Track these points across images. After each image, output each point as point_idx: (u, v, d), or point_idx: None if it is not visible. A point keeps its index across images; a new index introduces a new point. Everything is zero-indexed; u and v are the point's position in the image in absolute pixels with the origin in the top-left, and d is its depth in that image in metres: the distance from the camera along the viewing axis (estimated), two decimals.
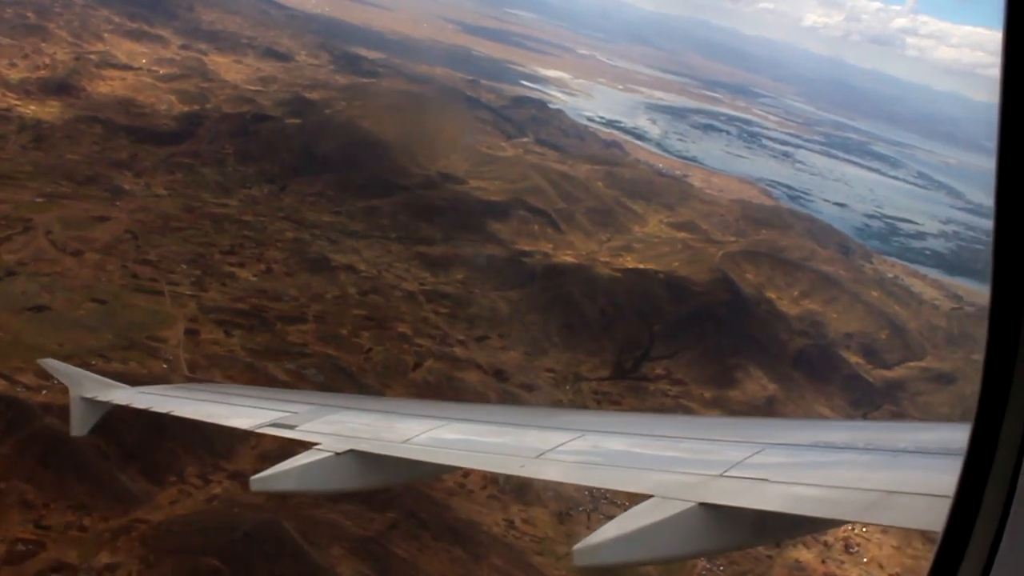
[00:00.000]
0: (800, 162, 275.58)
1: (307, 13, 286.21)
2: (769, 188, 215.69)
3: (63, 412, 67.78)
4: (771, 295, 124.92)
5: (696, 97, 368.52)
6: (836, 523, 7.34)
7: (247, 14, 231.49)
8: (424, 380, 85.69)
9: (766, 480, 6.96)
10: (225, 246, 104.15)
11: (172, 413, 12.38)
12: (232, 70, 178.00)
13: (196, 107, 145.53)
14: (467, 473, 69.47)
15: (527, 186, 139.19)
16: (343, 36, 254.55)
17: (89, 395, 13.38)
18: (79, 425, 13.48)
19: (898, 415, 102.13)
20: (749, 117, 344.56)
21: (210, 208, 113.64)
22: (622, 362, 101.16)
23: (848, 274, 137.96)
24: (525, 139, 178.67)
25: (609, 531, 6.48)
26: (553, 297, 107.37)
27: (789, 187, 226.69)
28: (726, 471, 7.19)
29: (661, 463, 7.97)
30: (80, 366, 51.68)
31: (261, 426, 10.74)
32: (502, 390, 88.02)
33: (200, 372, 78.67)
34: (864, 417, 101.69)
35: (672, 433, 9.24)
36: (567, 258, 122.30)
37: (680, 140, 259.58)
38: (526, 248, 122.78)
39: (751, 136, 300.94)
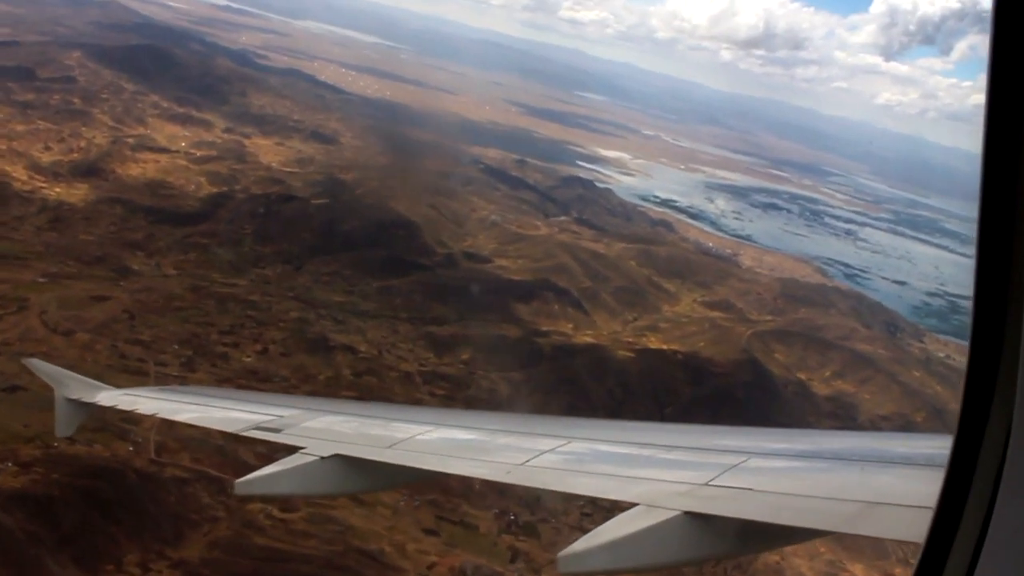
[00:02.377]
0: (863, 240, 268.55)
1: (365, 97, 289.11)
2: (824, 266, 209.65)
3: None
4: (801, 376, 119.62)
5: (761, 176, 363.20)
6: (819, 533, 6.90)
7: (300, 99, 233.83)
8: None
9: (751, 489, 7.03)
10: (224, 326, 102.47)
11: (157, 415, 12.41)
12: (271, 152, 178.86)
13: (224, 188, 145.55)
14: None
15: (552, 265, 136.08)
16: (397, 119, 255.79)
17: (74, 396, 13.35)
18: (64, 426, 13.52)
19: None
20: (815, 195, 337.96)
21: (217, 288, 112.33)
22: None
23: (889, 354, 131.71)
24: (563, 218, 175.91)
25: (594, 539, 6.47)
26: (559, 379, 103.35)
27: (846, 265, 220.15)
28: (712, 480, 7.26)
29: (647, 471, 7.98)
30: (44, 449, 50.00)
31: (246, 429, 10.63)
32: None
33: (168, 455, 76.40)
34: None
35: (659, 441, 9.12)
36: (586, 339, 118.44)
37: (736, 219, 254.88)
38: (543, 328, 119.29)
39: (813, 214, 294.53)
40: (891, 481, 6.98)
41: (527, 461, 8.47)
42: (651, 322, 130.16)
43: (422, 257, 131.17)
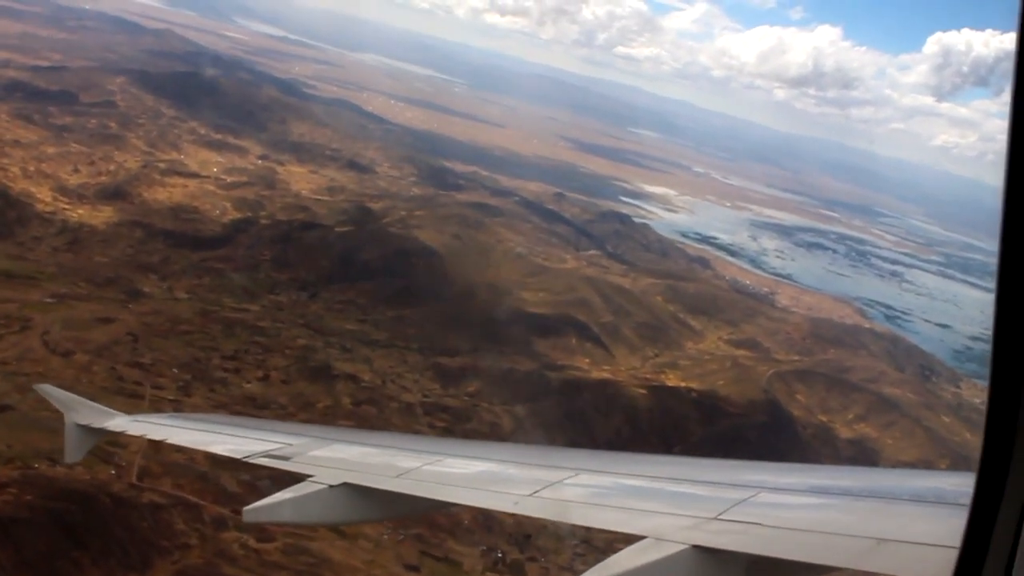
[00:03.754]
0: (909, 282, 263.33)
1: (409, 128, 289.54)
2: (865, 307, 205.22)
3: None
4: (822, 418, 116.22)
5: (810, 216, 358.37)
6: (828, 569, 6.59)
7: (341, 128, 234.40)
8: None
9: (760, 524, 6.98)
10: (228, 351, 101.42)
11: (167, 441, 12.35)
12: (303, 180, 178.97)
13: (248, 214, 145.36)
14: None
15: (573, 298, 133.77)
16: (439, 150, 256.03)
17: (84, 422, 13.19)
18: (73, 452, 13.39)
19: None
20: (863, 236, 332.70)
21: (226, 313, 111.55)
22: None
23: (918, 398, 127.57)
24: (592, 252, 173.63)
25: (602, 571, 6.36)
26: (565, 414, 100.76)
27: (888, 307, 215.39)
28: (720, 514, 7.22)
29: (656, 504, 7.90)
30: (23, 470, 48.86)
31: (255, 456, 10.59)
32: (481, 511, 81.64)
33: (150, 480, 74.95)
34: None
35: (668, 474, 9.15)
36: (600, 374, 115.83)
37: (778, 257, 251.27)
38: (558, 362, 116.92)
39: (860, 255, 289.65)
40: (902, 518, 6.96)
41: (535, 492, 8.47)
42: (671, 359, 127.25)
43: (441, 287, 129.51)
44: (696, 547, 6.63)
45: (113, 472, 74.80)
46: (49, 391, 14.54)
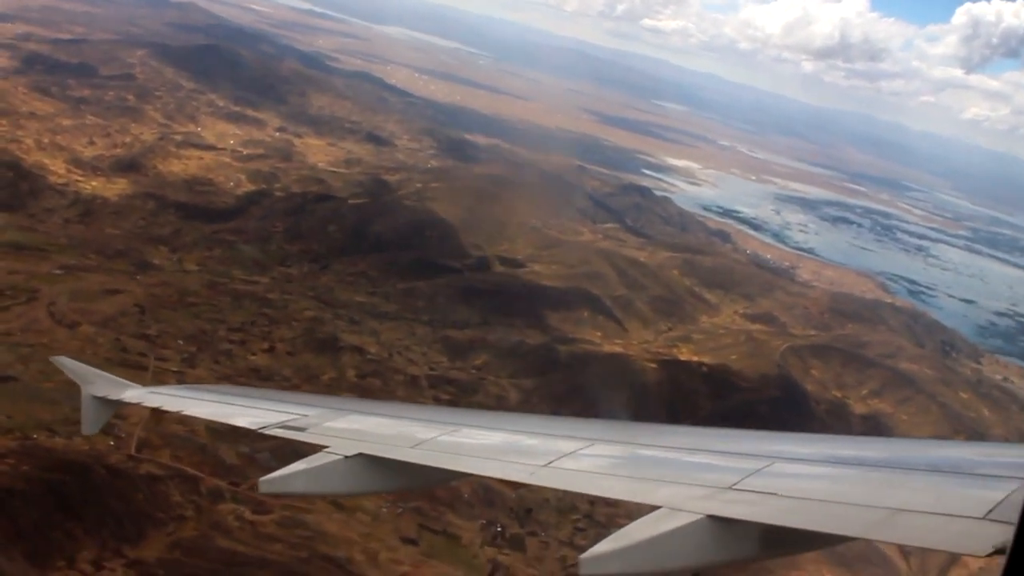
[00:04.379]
0: (934, 256, 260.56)
1: (432, 101, 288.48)
2: (888, 282, 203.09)
3: None
4: (837, 393, 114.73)
5: (836, 190, 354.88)
6: (842, 539, 6.69)
7: (362, 100, 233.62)
8: None
9: (775, 494, 6.98)
10: (235, 323, 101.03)
11: (182, 412, 12.28)
12: (320, 152, 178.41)
13: (263, 186, 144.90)
14: None
15: (587, 271, 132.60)
16: (460, 123, 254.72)
17: (100, 394, 13.21)
18: (90, 423, 13.37)
19: None
20: (890, 210, 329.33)
21: (236, 285, 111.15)
22: None
23: (936, 374, 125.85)
24: (610, 225, 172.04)
25: (616, 541, 6.40)
26: (572, 387, 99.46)
27: (912, 281, 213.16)
28: (735, 484, 7.24)
29: (670, 475, 7.89)
30: (21, 440, 48.71)
31: (270, 427, 10.62)
32: (482, 484, 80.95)
33: (149, 452, 74.72)
34: None
35: (683, 444, 9.11)
36: (611, 347, 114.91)
37: (801, 231, 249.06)
38: (569, 335, 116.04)
39: (885, 229, 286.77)
40: (917, 488, 6.87)
41: (550, 462, 8.47)
42: (685, 333, 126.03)
43: (453, 260, 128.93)
44: (711, 517, 6.64)
45: (112, 444, 74.55)
46: (65, 363, 14.60)
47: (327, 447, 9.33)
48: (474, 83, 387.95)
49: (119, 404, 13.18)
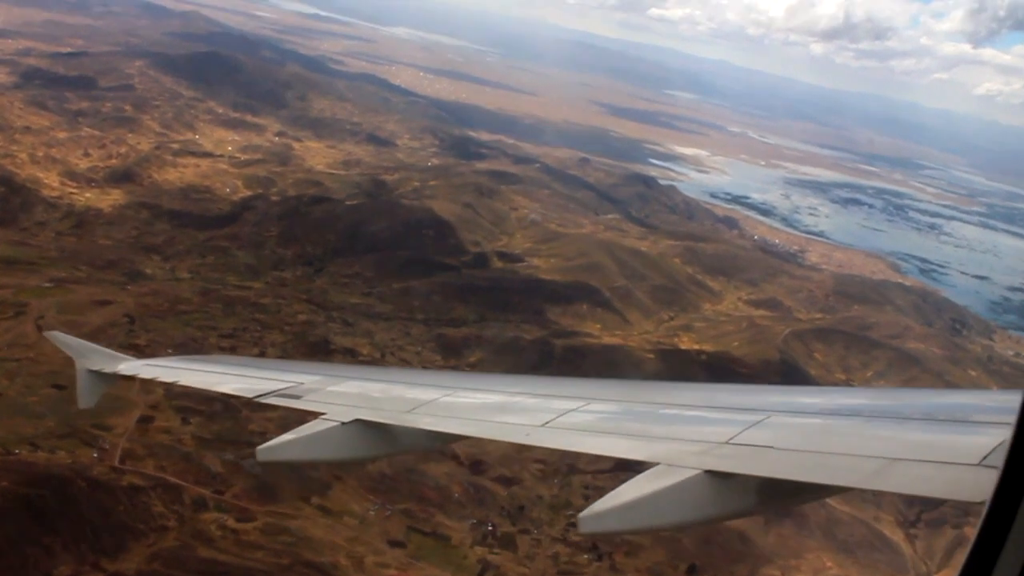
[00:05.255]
0: (947, 234, 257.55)
1: (434, 99, 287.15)
2: (899, 262, 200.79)
3: None
4: (840, 376, 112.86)
5: (849, 171, 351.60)
6: (840, 490, 6.77)
7: (363, 102, 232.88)
8: (381, 472, 78.37)
9: (771, 447, 7.00)
10: (227, 329, 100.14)
11: (178, 383, 12.25)
12: (320, 155, 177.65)
13: (259, 191, 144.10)
14: None
15: (585, 263, 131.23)
16: (465, 120, 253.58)
17: (95, 367, 13.28)
18: (85, 397, 13.33)
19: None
20: (903, 190, 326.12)
21: (228, 291, 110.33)
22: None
23: (944, 352, 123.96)
24: (611, 216, 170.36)
25: (614, 499, 6.44)
26: None
27: (924, 260, 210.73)
28: (732, 438, 7.22)
29: (666, 431, 7.98)
30: (3, 456, 47.96)
31: (266, 395, 10.53)
32: (472, 484, 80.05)
33: (132, 462, 73.88)
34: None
35: (678, 401, 9.19)
36: (611, 339, 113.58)
37: (811, 214, 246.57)
38: (567, 328, 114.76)
39: (897, 209, 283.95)
40: (911, 437, 6.90)
41: (547, 422, 8.46)
42: (686, 321, 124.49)
43: (450, 257, 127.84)
44: (708, 472, 6.61)
45: (96, 455, 73.89)
46: (59, 337, 14.61)
47: (324, 414, 9.32)
48: (481, 80, 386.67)
49: (114, 378, 13.21)
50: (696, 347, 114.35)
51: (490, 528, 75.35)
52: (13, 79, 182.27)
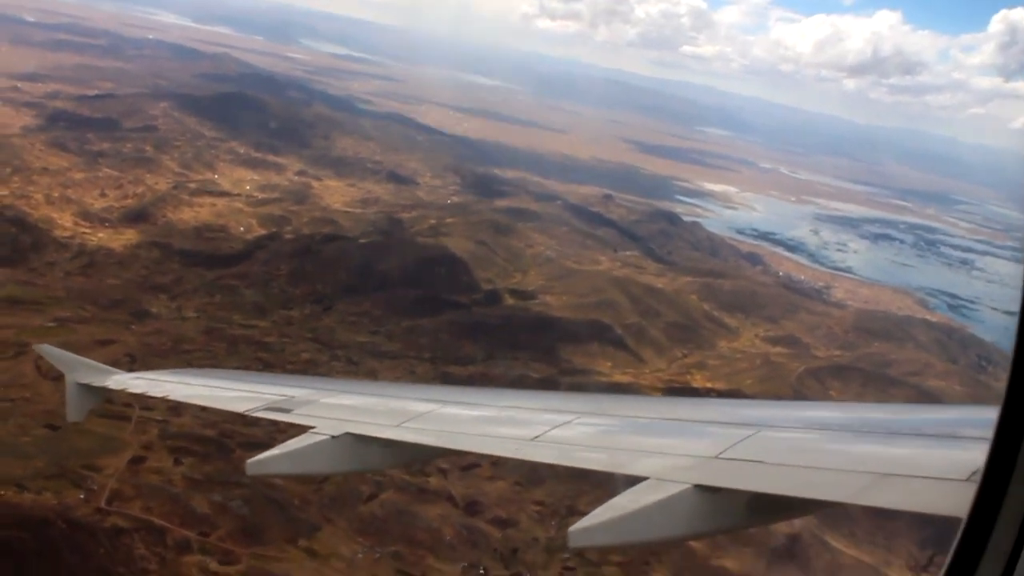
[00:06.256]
0: (979, 269, 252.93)
1: (461, 138, 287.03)
2: (927, 298, 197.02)
3: None
4: None
5: (880, 207, 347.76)
6: (829, 504, 6.77)
7: (387, 140, 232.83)
8: (372, 514, 76.85)
9: (761, 462, 7.01)
10: (228, 368, 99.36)
11: (167, 397, 12.46)
12: (337, 194, 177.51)
13: (273, 230, 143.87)
14: None
15: (599, 300, 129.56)
16: (491, 159, 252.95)
17: (85, 381, 13.47)
18: (75, 411, 13.57)
19: None
20: (935, 225, 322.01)
21: (234, 330, 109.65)
22: None
23: (966, 389, 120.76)
24: (630, 253, 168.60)
25: (604, 513, 6.49)
26: None
27: (953, 296, 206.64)
28: (722, 453, 7.23)
29: (656, 445, 7.96)
30: None
31: (256, 410, 10.64)
32: (465, 525, 78.26)
33: (118, 504, 72.92)
34: None
35: (667, 415, 9.20)
36: (621, 377, 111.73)
37: (839, 251, 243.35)
38: (576, 367, 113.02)
39: (928, 244, 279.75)
40: (903, 453, 6.90)
41: (537, 437, 8.45)
42: (700, 359, 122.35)
43: (461, 295, 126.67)
44: (697, 486, 6.59)
45: (82, 496, 73.01)
46: (48, 351, 14.99)
47: (314, 427, 9.40)
48: (510, 118, 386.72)
49: (103, 391, 13.42)
50: (708, 385, 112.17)
51: (481, 572, 73.53)
52: (39, 121, 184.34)
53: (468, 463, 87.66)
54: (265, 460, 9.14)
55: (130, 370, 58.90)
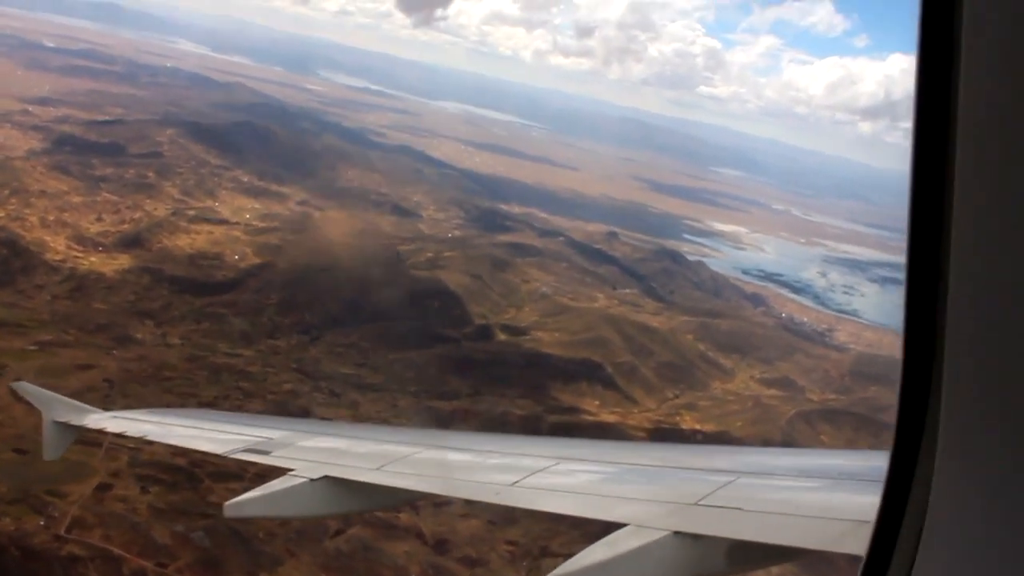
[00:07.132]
0: None
1: (470, 172, 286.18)
2: None
3: None
4: None
5: (892, 250, 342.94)
6: (809, 552, 6.67)
7: (393, 173, 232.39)
8: (337, 550, 75.40)
9: (740, 509, 6.97)
10: (207, 397, 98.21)
11: (146, 438, 12.39)
12: (338, 225, 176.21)
13: (268, 259, 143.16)
14: None
15: (590, 338, 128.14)
16: (498, 193, 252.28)
17: (62, 419, 13.46)
18: (52, 450, 13.65)
19: None
20: None
21: (217, 358, 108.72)
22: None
23: None
24: (628, 291, 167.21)
25: (584, 559, 6.47)
26: None
27: None
28: (701, 499, 7.18)
29: (636, 491, 7.90)
30: None
31: (235, 451, 10.61)
32: (433, 564, 76.74)
33: (78, 531, 71.94)
34: None
35: (647, 462, 9.15)
36: (608, 417, 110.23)
37: (846, 293, 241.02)
38: (563, 405, 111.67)
39: None
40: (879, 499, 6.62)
41: (517, 482, 8.36)
42: (691, 400, 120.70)
43: (451, 329, 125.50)
44: (676, 533, 6.56)
45: (42, 523, 71.94)
46: (26, 388, 15.14)
47: (293, 470, 9.31)
48: (522, 154, 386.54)
49: (80, 430, 13.44)
50: (697, 426, 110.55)
51: None
52: (44, 145, 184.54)
53: (442, 500, 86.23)
54: (243, 503, 9.04)
55: (107, 396, 58.47)
